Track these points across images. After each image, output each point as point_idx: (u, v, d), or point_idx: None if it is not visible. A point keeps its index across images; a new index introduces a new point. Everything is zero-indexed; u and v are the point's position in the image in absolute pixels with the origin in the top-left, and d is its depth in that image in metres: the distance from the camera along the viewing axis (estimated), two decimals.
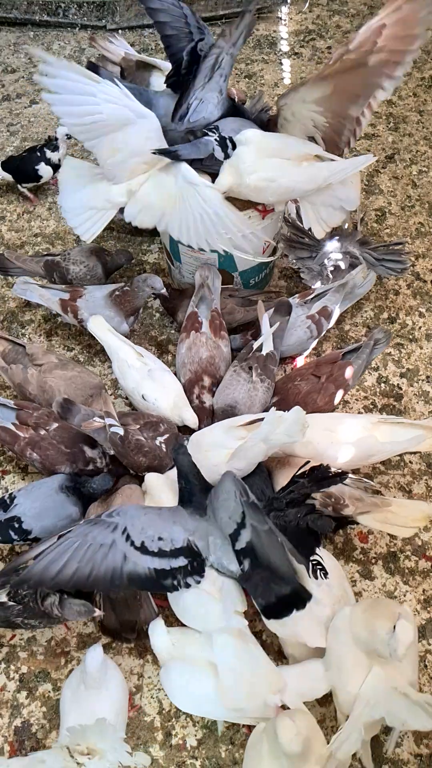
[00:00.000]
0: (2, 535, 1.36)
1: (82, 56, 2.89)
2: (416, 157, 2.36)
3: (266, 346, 1.54)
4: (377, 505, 1.32)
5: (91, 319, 1.59)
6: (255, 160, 1.46)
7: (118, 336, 1.57)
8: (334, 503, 1.32)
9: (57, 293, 1.72)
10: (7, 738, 1.24)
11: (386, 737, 1.21)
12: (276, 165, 1.48)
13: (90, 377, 1.57)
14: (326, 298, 1.66)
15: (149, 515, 1.21)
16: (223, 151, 1.51)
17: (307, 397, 1.49)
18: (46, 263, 1.80)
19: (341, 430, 1.40)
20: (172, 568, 1.17)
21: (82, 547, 1.13)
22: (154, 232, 2.12)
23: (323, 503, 1.32)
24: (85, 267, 1.79)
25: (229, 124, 1.55)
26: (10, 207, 2.24)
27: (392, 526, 1.32)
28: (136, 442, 1.42)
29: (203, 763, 1.21)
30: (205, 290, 1.65)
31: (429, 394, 1.72)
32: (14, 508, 1.37)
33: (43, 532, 1.36)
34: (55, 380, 1.54)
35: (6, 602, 1.23)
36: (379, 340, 1.57)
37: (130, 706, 1.25)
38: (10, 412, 1.49)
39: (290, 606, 1.13)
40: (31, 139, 2.47)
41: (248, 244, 1.53)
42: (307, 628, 1.18)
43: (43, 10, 3.06)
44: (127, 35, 2.99)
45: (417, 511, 1.33)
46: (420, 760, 1.21)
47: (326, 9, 3.10)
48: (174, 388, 1.54)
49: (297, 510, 1.21)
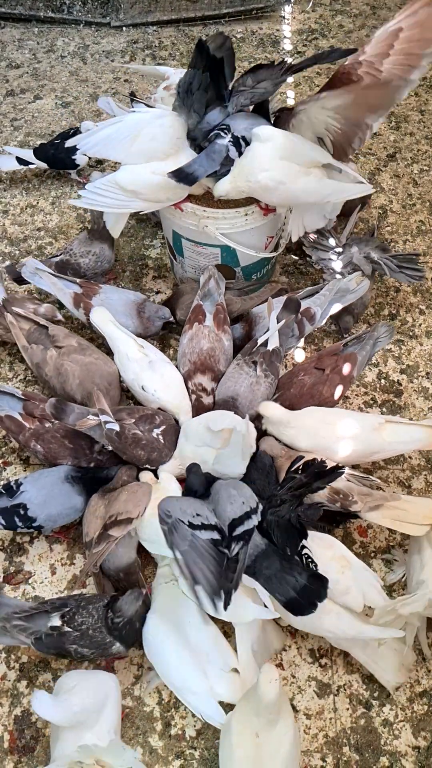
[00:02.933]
0: (7, 522, 1.36)
1: (86, 53, 2.90)
2: (417, 155, 2.38)
3: (272, 342, 1.55)
4: (386, 499, 1.32)
5: (94, 311, 1.59)
6: (269, 160, 1.47)
7: (119, 327, 1.58)
8: (342, 499, 1.32)
9: (71, 286, 1.69)
10: (7, 727, 1.25)
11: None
12: (287, 168, 1.49)
13: (107, 366, 1.56)
14: (311, 300, 1.65)
15: (183, 501, 1.27)
16: (237, 151, 1.51)
17: (313, 389, 1.49)
18: (58, 265, 1.79)
19: (347, 425, 1.41)
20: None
21: (194, 553, 1.18)
22: (156, 228, 2.13)
23: (331, 499, 1.33)
24: (93, 256, 1.79)
25: (240, 122, 1.55)
26: (14, 201, 2.24)
27: (403, 524, 1.31)
28: (133, 436, 1.42)
29: (202, 754, 1.21)
30: (211, 284, 1.66)
31: (429, 391, 1.73)
32: (20, 495, 1.37)
33: (47, 521, 1.37)
34: (71, 365, 1.53)
35: (60, 627, 1.18)
36: (382, 334, 1.57)
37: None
38: (17, 402, 1.49)
39: (312, 599, 1.15)
40: (35, 134, 2.48)
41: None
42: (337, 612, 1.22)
43: (48, 7, 3.07)
44: (131, 32, 3.00)
45: (428, 508, 1.32)
46: (418, 752, 1.21)
47: (329, 9, 3.12)
48: (175, 379, 1.55)
49: (289, 504, 1.22)
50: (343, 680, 1.29)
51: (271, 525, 1.24)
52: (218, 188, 1.56)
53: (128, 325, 1.65)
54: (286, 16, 3.11)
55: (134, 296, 1.72)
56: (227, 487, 1.30)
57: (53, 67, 2.83)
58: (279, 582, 1.18)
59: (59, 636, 1.18)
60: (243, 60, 2.82)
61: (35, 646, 1.18)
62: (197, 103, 1.50)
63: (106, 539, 1.27)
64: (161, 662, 1.22)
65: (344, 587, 1.22)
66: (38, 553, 1.46)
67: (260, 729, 1.06)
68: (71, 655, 1.20)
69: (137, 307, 1.70)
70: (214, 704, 1.16)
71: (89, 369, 1.53)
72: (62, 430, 1.46)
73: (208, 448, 1.39)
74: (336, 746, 1.22)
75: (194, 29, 3.00)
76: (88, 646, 1.19)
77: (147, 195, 1.56)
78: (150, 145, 1.53)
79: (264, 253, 1.74)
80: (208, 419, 1.41)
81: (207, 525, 1.21)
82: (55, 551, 1.46)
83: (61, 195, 2.26)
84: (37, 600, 1.38)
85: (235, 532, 1.21)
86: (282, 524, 1.23)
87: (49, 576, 1.43)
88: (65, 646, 1.18)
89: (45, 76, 2.78)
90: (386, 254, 1.78)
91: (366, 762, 1.20)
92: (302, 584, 1.16)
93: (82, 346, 1.58)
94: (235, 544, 1.19)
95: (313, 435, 1.32)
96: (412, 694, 1.27)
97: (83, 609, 1.21)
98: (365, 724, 1.24)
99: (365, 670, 1.28)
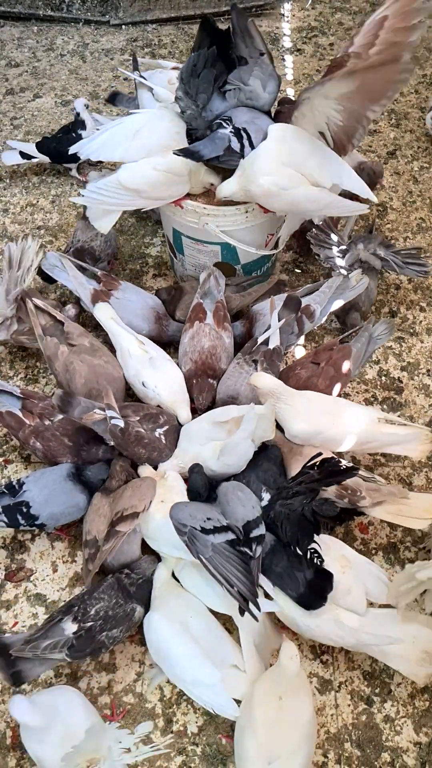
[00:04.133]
0: (10, 519, 1.36)
1: (85, 51, 2.90)
2: (417, 153, 2.38)
3: (273, 341, 1.55)
4: (394, 494, 1.33)
5: (98, 306, 1.60)
6: (274, 163, 1.47)
7: (121, 324, 1.58)
8: (351, 495, 1.33)
9: (91, 282, 1.70)
10: (9, 724, 1.25)
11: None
12: (291, 175, 1.49)
13: (114, 370, 1.56)
14: (310, 297, 1.65)
15: (191, 506, 1.27)
16: (239, 142, 1.52)
17: (308, 381, 1.49)
18: (75, 253, 1.81)
19: (343, 411, 1.41)
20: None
21: (220, 557, 1.20)
22: (157, 226, 2.13)
23: (339, 495, 1.33)
24: (101, 237, 1.83)
25: (241, 115, 1.55)
26: (14, 200, 2.24)
27: (405, 518, 1.33)
28: (136, 434, 1.42)
29: (204, 750, 1.21)
30: (211, 282, 1.66)
31: (429, 388, 1.73)
32: (23, 493, 1.37)
33: (49, 519, 1.37)
34: (80, 364, 1.53)
35: (82, 626, 1.18)
36: (382, 331, 1.57)
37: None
38: (17, 399, 1.50)
39: (321, 592, 1.16)
40: (35, 132, 2.48)
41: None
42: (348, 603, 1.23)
43: (47, 5, 3.07)
44: (130, 30, 3.00)
45: (429, 502, 1.34)
46: (419, 747, 1.22)
47: (329, 6, 3.12)
48: (175, 376, 1.55)
49: (303, 497, 1.23)
50: (344, 676, 1.29)
51: (280, 517, 1.25)
52: (223, 189, 1.56)
53: (143, 328, 1.65)
54: (285, 13, 3.11)
55: (153, 301, 1.73)
56: (234, 489, 1.31)
57: (53, 66, 2.83)
58: (289, 578, 1.19)
59: (87, 633, 1.19)
60: None
61: (72, 657, 1.18)
62: (204, 82, 1.50)
63: (114, 535, 1.28)
64: (168, 659, 1.22)
65: (345, 588, 1.22)
66: (40, 551, 1.46)
67: (284, 693, 1.10)
68: (105, 645, 1.21)
69: (155, 312, 1.70)
70: (227, 696, 1.17)
71: (96, 371, 1.53)
72: (62, 428, 1.46)
73: (212, 444, 1.39)
74: (338, 742, 1.22)
75: (193, 27, 3.00)
76: (115, 626, 1.21)
77: (149, 192, 1.56)
78: (150, 139, 1.54)
79: (264, 250, 1.74)
80: (213, 415, 1.42)
81: (219, 527, 1.22)
82: (57, 549, 1.47)
83: (61, 194, 2.26)
84: (38, 598, 1.39)
85: (252, 533, 1.22)
86: (293, 518, 1.23)
87: (51, 573, 1.43)
88: (97, 639, 1.19)
89: (44, 75, 2.78)
90: (390, 250, 1.79)
91: (367, 758, 1.20)
92: (310, 579, 1.17)
93: (94, 347, 1.58)
94: (255, 545, 1.21)
95: (305, 417, 1.32)
96: (414, 690, 1.27)
97: (92, 599, 1.22)
98: (367, 720, 1.24)
99: (366, 667, 1.29)
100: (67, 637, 1.17)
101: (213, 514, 1.24)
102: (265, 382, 1.38)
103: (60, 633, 1.18)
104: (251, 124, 1.54)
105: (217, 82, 1.54)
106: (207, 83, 1.51)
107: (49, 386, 1.75)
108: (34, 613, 1.37)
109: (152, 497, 1.34)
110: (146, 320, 1.68)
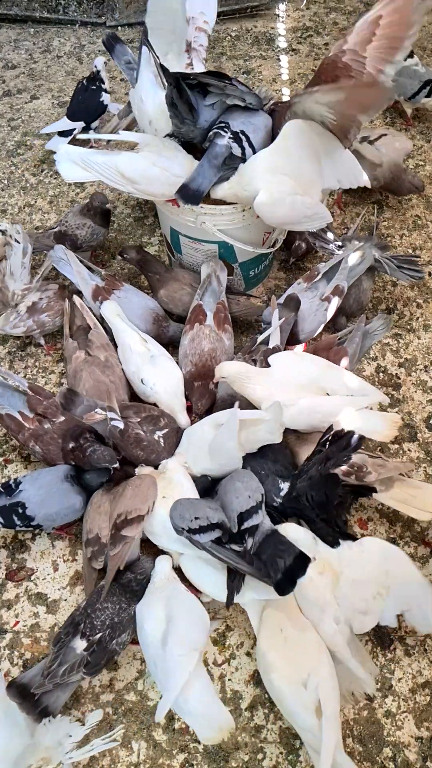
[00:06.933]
0: (6, 520, 1.36)
1: (82, 52, 2.91)
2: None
3: (273, 340, 1.55)
4: (399, 468, 1.35)
5: (106, 303, 1.62)
6: (269, 172, 1.48)
7: (126, 321, 1.59)
8: (357, 471, 1.35)
9: (94, 278, 1.72)
10: None
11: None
12: (285, 183, 1.49)
13: (120, 391, 1.55)
14: (336, 277, 1.64)
15: (182, 506, 1.27)
16: (240, 146, 1.52)
17: None
18: (56, 236, 1.84)
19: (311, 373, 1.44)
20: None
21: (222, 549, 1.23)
22: (154, 225, 2.13)
23: (346, 473, 1.35)
24: (88, 228, 1.86)
25: (237, 117, 1.55)
26: (12, 201, 2.25)
27: (411, 507, 1.34)
28: (136, 436, 1.42)
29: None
30: (212, 282, 1.67)
31: (427, 384, 1.74)
32: (19, 493, 1.37)
33: (45, 520, 1.37)
34: (87, 376, 1.54)
35: (92, 641, 1.19)
36: (378, 327, 1.58)
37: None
38: (19, 399, 1.50)
39: (293, 576, 1.16)
40: (32, 133, 2.48)
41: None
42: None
43: (44, 7, 3.08)
44: (126, 32, 3.01)
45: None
46: (420, 742, 1.22)
47: (323, 6, 3.13)
48: (175, 376, 1.56)
49: (316, 465, 1.25)
50: None
51: (303, 491, 1.26)
52: (217, 190, 1.57)
53: (141, 329, 1.66)
54: (280, 14, 3.11)
55: (153, 304, 1.73)
56: (233, 480, 1.30)
57: (49, 67, 2.84)
58: (271, 564, 1.17)
59: (99, 645, 1.19)
60: (238, 58, 2.83)
61: (89, 673, 1.19)
62: (183, 110, 1.51)
63: (121, 540, 1.26)
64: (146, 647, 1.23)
65: (364, 608, 1.21)
66: (40, 550, 1.46)
67: (282, 625, 1.20)
68: (117, 652, 1.23)
69: (154, 314, 1.71)
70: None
71: (99, 387, 1.53)
72: (60, 431, 1.46)
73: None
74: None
75: None
76: (123, 631, 1.23)
77: (143, 186, 1.56)
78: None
79: (261, 248, 1.75)
80: (215, 418, 1.42)
81: (205, 527, 1.22)
82: (57, 548, 1.47)
83: (59, 194, 2.27)
84: (39, 597, 1.39)
85: (244, 525, 1.22)
86: (315, 481, 1.25)
87: (51, 572, 1.43)
88: (109, 648, 1.21)
89: (41, 76, 2.79)
90: (386, 253, 1.79)
91: (369, 753, 1.20)
92: (288, 566, 1.16)
93: (107, 364, 1.58)
94: (248, 537, 1.21)
95: (278, 393, 1.33)
96: (414, 685, 1.28)
97: (95, 611, 1.22)
98: (368, 715, 1.24)
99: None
100: (81, 656, 1.18)
101: (203, 512, 1.24)
102: (229, 369, 1.38)
103: (73, 654, 1.18)
104: (248, 125, 1.54)
105: (200, 102, 1.52)
106: (187, 106, 1.51)
107: (49, 386, 1.76)
108: (35, 613, 1.38)
109: (155, 497, 1.33)
110: (145, 321, 1.69)
